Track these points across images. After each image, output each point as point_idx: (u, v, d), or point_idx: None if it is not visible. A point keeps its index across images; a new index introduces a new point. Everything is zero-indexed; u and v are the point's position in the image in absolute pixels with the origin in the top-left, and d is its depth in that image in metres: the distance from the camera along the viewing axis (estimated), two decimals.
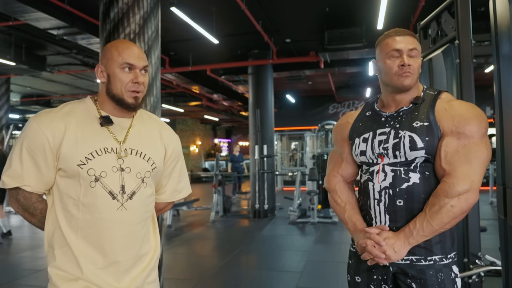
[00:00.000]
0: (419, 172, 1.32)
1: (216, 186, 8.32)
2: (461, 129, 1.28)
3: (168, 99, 13.62)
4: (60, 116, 1.23)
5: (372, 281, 1.40)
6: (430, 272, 1.30)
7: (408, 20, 6.50)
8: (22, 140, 1.21)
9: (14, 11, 5.41)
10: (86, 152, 1.20)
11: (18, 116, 15.84)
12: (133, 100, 1.26)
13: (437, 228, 1.25)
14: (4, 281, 4.13)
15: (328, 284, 3.96)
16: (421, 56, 1.38)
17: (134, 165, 1.26)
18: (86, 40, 6.60)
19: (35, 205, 1.25)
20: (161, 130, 1.40)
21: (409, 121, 1.35)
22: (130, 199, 1.24)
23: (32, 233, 6.62)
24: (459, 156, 1.27)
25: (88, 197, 1.19)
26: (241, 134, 24.34)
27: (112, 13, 3.42)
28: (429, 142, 1.30)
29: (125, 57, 1.24)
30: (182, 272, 4.59)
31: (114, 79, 1.24)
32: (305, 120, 14.38)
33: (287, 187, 14.25)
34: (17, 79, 10.59)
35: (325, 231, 6.73)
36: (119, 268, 1.22)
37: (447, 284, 1.30)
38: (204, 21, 6.37)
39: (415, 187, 1.31)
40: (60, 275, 1.19)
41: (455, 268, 1.34)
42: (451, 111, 1.31)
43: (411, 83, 1.35)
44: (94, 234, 1.20)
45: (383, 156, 1.37)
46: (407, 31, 1.38)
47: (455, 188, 1.23)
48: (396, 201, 1.32)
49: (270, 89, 8.86)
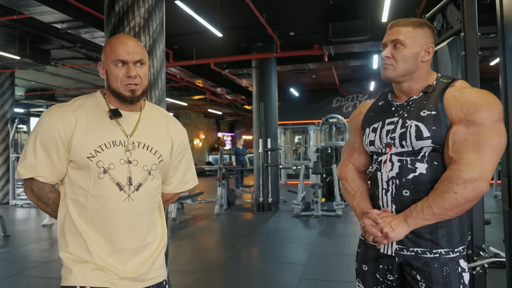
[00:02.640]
0: (426, 162, 1.30)
1: (220, 180, 8.36)
2: (471, 117, 1.23)
3: (171, 92, 13.63)
4: (71, 110, 1.28)
5: (378, 270, 1.41)
6: (435, 265, 1.29)
7: (413, 13, 6.46)
8: (36, 134, 1.26)
9: (19, 4, 5.41)
10: (95, 145, 1.25)
11: (22, 110, 15.91)
12: (130, 93, 1.29)
13: (438, 212, 1.23)
14: (11, 273, 4.19)
15: (332, 276, 3.99)
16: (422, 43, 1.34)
17: (141, 158, 1.30)
18: (90, 34, 6.60)
19: (48, 195, 1.31)
20: (169, 124, 1.43)
21: (417, 110, 1.33)
22: (137, 191, 1.29)
23: (38, 226, 6.69)
24: (467, 144, 1.22)
25: (97, 188, 1.25)
26: (244, 128, 24.35)
27: (117, 6, 3.42)
28: (435, 131, 1.27)
29: (117, 53, 1.27)
30: (187, 264, 4.63)
31: (110, 75, 1.29)
32: (309, 114, 14.36)
33: (291, 180, 14.28)
34: (21, 73, 10.62)
35: (329, 224, 6.76)
36: (125, 255, 1.28)
37: (452, 278, 1.28)
38: (208, 14, 6.35)
39: (422, 178, 1.29)
40: (71, 258, 1.26)
41: (463, 263, 1.31)
42: (461, 98, 1.27)
43: (391, 74, 1.36)
44: (102, 223, 1.26)
45: (391, 146, 1.36)
46: (401, 21, 1.37)
47: (461, 175, 1.20)
48: (402, 191, 1.32)
49: (274, 82, 8.85)
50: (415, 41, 1.33)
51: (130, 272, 1.28)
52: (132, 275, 1.28)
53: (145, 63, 1.32)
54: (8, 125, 9.58)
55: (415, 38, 1.34)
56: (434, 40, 1.38)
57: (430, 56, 1.36)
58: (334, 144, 8.86)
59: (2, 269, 4.39)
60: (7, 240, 5.71)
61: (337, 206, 7.54)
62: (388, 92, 1.49)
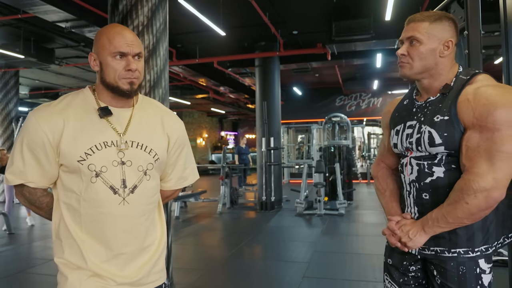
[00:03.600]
0: (443, 166, 1.28)
1: (223, 178, 8.38)
2: (483, 122, 1.17)
3: (175, 91, 13.66)
4: (58, 110, 1.20)
5: (402, 266, 1.43)
6: (452, 263, 1.28)
7: (416, 11, 6.44)
8: (22, 137, 1.19)
9: (23, 4, 5.45)
10: (85, 148, 1.17)
11: (27, 109, 15.96)
12: (129, 86, 1.21)
13: (452, 221, 1.22)
14: (16, 270, 4.23)
15: (335, 274, 3.99)
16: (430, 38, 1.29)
17: (135, 158, 1.23)
18: (94, 33, 6.63)
19: (40, 199, 1.26)
20: (163, 118, 1.34)
21: (431, 115, 1.31)
22: (132, 193, 1.22)
23: (42, 224, 6.73)
24: (480, 151, 1.18)
25: (89, 193, 1.18)
26: (247, 127, 24.37)
27: (120, 5, 3.44)
28: (447, 137, 1.25)
29: (116, 45, 1.18)
30: (190, 262, 4.65)
31: (106, 68, 1.20)
32: (312, 113, 14.35)
33: (294, 179, 14.28)
34: (26, 72, 10.68)
35: (332, 223, 6.76)
36: (123, 259, 1.23)
37: (468, 278, 1.26)
38: (211, 13, 6.36)
39: (439, 181, 1.29)
40: (66, 264, 1.21)
41: (483, 263, 1.27)
42: (473, 101, 1.20)
43: (407, 72, 1.33)
44: (97, 228, 1.20)
45: (410, 150, 1.37)
46: (418, 15, 1.33)
47: (471, 185, 1.17)
48: (422, 194, 1.33)
49: (277, 81, 8.85)
50: (431, 37, 1.28)
51: (129, 276, 1.23)
52: (131, 279, 1.23)
53: (142, 56, 1.25)
54: (13, 123, 9.63)
55: (431, 34, 1.28)
56: (455, 33, 1.31)
57: (450, 51, 1.29)
58: (337, 143, 8.86)
59: (7, 266, 4.43)
60: (11, 238, 5.76)
61: (340, 205, 7.54)
62: (414, 89, 1.47)
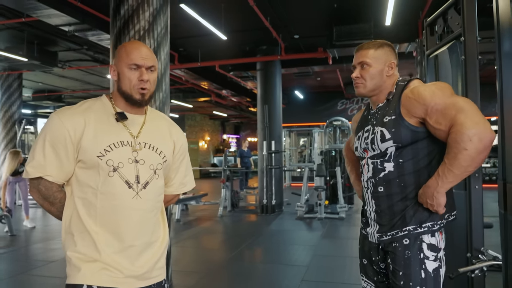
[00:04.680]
0: (392, 161, 1.52)
1: (224, 182, 8.40)
2: (432, 105, 1.42)
3: (177, 94, 13.72)
4: (80, 111, 1.33)
5: (374, 262, 1.64)
6: (400, 249, 1.49)
7: (417, 16, 6.48)
8: (45, 134, 1.30)
9: (27, 7, 5.52)
10: (105, 145, 1.30)
11: (30, 111, 16.08)
12: (140, 96, 1.35)
13: (459, 172, 1.38)
14: (18, 272, 4.26)
15: (333, 278, 4.00)
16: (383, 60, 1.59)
17: (148, 157, 1.36)
18: (97, 36, 6.69)
19: (55, 195, 1.34)
20: (170, 127, 1.51)
21: (381, 117, 1.56)
22: (144, 189, 1.34)
23: (44, 226, 6.77)
24: (449, 112, 1.39)
25: (107, 186, 1.29)
26: (249, 130, 24.40)
27: (122, 10, 3.49)
28: (395, 132, 1.49)
29: (132, 58, 1.34)
30: (190, 265, 4.67)
31: (123, 78, 1.35)
32: (314, 116, 14.37)
33: (296, 183, 14.29)
34: (29, 75, 10.76)
35: (332, 227, 6.77)
36: (133, 252, 1.32)
37: (413, 262, 1.46)
38: (213, 17, 6.41)
39: (390, 175, 1.53)
40: (80, 257, 1.28)
41: (427, 251, 1.47)
42: (414, 96, 1.47)
43: (362, 91, 1.61)
44: (111, 220, 1.30)
45: (367, 150, 1.61)
46: (366, 44, 1.62)
47: (463, 132, 1.33)
48: (378, 188, 1.56)
49: (278, 85, 8.88)
50: (378, 60, 1.57)
51: (136, 270, 1.32)
52: (137, 273, 1.32)
53: (155, 69, 1.39)
54: (16, 126, 9.69)
55: (377, 58, 1.57)
56: (395, 56, 1.63)
57: (393, 71, 1.60)
58: (338, 147, 8.87)
59: (8, 268, 4.47)
60: (13, 239, 5.80)
61: (340, 208, 7.55)
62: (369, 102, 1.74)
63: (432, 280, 1.47)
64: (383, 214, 1.56)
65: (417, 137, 1.50)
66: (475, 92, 2.57)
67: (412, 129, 1.48)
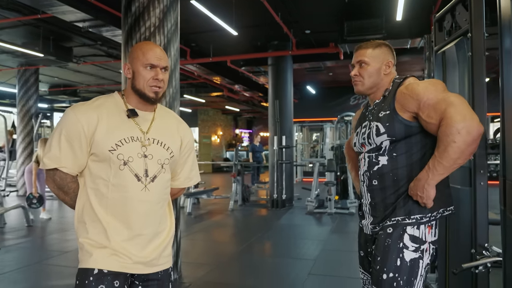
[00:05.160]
0: (387, 155, 1.59)
1: (235, 176, 8.48)
2: (425, 100, 1.48)
3: (190, 89, 13.82)
4: (94, 107, 1.42)
5: (369, 254, 1.70)
6: (382, 236, 1.57)
7: (429, 11, 6.41)
8: (61, 128, 1.39)
9: (42, 4, 5.65)
10: (116, 140, 1.38)
11: (46, 105, 16.38)
12: (154, 94, 1.44)
13: (448, 164, 1.43)
14: (34, 261, 4.41)
15: (340, 271, 4.05)
16: (383, 57, 1.66)
17: (156, 152, 1.45)
18: (110, 32, 6.81)
19: (69, 185, 1.44)
20: (178, 124, 1.60)
21: (377, 113, 1.63)
22: (152, 182, 1.43)
23: (60, 217, 6.96)
24: (440, 107, 1.44)
25: (118, 178, 1.38)
26: (262, 125, 24.43)
27: (133, 7, 3.56)
28: (389, 126, 1.56)
29: (148, 58, 1.42)
30: (200, 257, 4.77)
31: (138, 76, 1.43)
32: (326, 111, 14.31)
33: (308, 178, 14.30)
34: (45, 70, 10.97)
35: (342, 222, 6.79)
36: (141, 240, 1.42)
37: (391, 250, 1.52)
38: (224, 12, 6.45)
39: (384, 168, 1.59)
40: (91, 244, 1.38)
41: (408, 241, 1.52)
42: (408, 92, 1.54)
43: (360, 88, 1.69)
44: (121, 210, 1.39)
45: (365, 145, 1.68)
46: (363, 44, 1.70)
47: (452, 125, 1.39)
48: (372, 181, 1.63)
49: (290, 80, 8.89)
50: (375, 59, 1.65)
51: (144, 257, 1.42)
52: (145, 259, 1.42)
53: (168, 69, 1.49)
54: (33, 119, 9.91)
55: (375, 57, 1.66)
56: (393, 56, 1.71)
57: (390, 69, 1.68)
58: None
59: (25, 257, 4.63)
60: (30, 230, 5.99)
61: (350, 204, 7.56)
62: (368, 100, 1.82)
63: (407, 269, 1.51)
64: (377, 206, 1.63)
65: (410, 131, 1.55)
66: (481, 88, 2.57)
67: (405, 123, 1.53)
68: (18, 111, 10.10)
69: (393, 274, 1.51)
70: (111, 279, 1.36)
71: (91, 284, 1.34)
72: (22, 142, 9.95)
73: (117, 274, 1.38)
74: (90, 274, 1.36)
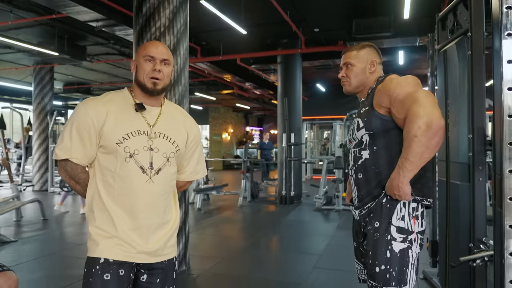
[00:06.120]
0: (368, 149, 1.67)
1: (245, 173, 8.60)
2: (395, 95, 1.57)
3: (200, 87, 13.98)
4: (103, 102, 1.50)
5: (361, 245, 1.78)
6: (371, 231, 1.64)
7: (438, 9, 6.40)
8: (72, 121, 1.48)
9: (58, 5, 5.84)
10: (123, 133, 1.46)
11: (61, 103, 16.72)
12: (152, 85, 1.50)
13: (414, 159, 1.49)
14: (50, 252, 4.60)
15: (344, 266, 4.13)
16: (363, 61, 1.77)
17: (161, 146, 1.51)
18: (123, 31, 6.97)
19: (79, 175, 1.52)
20: (185, 119, 1.66)
21: (360, 109, 1.74)
22: (157, 174, 1.49)
23: (74, 211, 7.17)
24: (406, 103, 1.52)
25: (123, 170, 1.45)
26: (272, 123, 24.49)
27: (144, 8, 3.69)
28: (367, 121, 1.65)
29: (148, 50, 1.51)
30: (208, 250, 4.90)
31: (139, 68, 1.52)
32: (336, 109, 14.31)
33: (317, 175, 14.34)
34: (60, 68, 11.21)
35: (349, 218, 6.81)
36: (146, 230, 1.48)
37: (380, 242, 1.59)
38: (233, 11, 6.56)
39: (366, 162, 1.68)
40: (99, 233, 1.46)
41: (395, 233, 1.59)
42: (383, 88, 1.64)
43: (348, 88, 1.81)
44: (127, 201, 1.46)
45: (352, 141, 1.77)
46: (348, 48, 1.82)
47: (414, 121, 1.46)
48: (357, 174, 1.72)
49: (299, 78, 8.96)
50: (360, 60, 1.77)
51: (148, 247, 1.48)
52: (150, 249, 1.48)
53: (169, 64, 1.55)
54: (48, 116, 10.13)
55: (359, 58, 1.77)
56: (377, 55, 1.80)
57: (375, 68, 1.77)
58: None
59: (41, 248, 4.82)
60: (45, 223, 6.20)
61: None
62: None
63: (397, 259, 1.57)
64: (363, 199, 1.72)
65: (387, 125, 1.62)
66: (480, 86, 2.64)
67: (381, 117, 1.61)
68: (34, 108, 10.32)
69: (384, 266, 1.57)
70: (116, 268, 1.44)
71: (97, 273, 1.42)
72: (38, 138, 10.19)
73: (122, 263, 1.44)
74: (96, 262, 1.43)
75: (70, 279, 3.65)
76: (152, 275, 1.53)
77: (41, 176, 10.17)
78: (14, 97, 14.67)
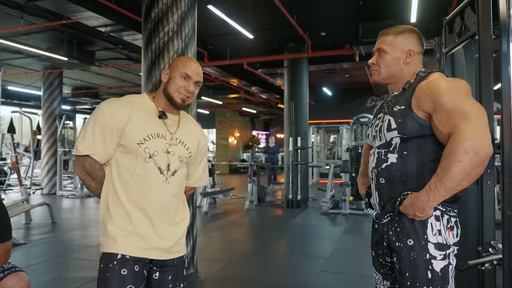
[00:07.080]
0: (396, 153, 1.46)
1: (251, 176, 8.61)
2: (441, 103, 1.35)
3: (207, 91, 14.03)
4: (126, 103, 1.57)
5: (380, 255, 1.62)
6: (405, 250, 1.43)
7: (445, 12, 6.40)
8: (96, 118, 1.52)
9: (67, 10, 5.94)
10: (144, 134, 1.53)
11: (69, 107, 16.88)
12: (181, 101, 1.61)
13: (450, 185, 1.30)
14: (58, 254, 4.64)
15: (351, 270, 4.12)
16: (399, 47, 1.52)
17: (177, 150, 1.61)
18: (131, 36, 7.05)
19: (97, 172, 1.56)
20: (197, 129, 1.79)
21: (393, 106, 1.51)
22: (173, 176, 1.58)
23: (82, 215, 7.23)
24: (455, 117, 1.31)
25: (143, 170, 1.52)
26: (279, 127, 24.49)
27: (153, 13, 3.74)
28: (401, 123, 1.43)
29: (187, 69, 1.60)
30: (215, 253, 4.91)
31: (172, 81, 1.60)
32: (343, 113, 14.29)
33: (324, 179, 14.30)
34: (69, 73, 11.34)
35: (356, 222, 6.84)
36: (159, 228, 1.55)
37: (419, 263, 1.40)
38: (240, 16, 6.60)
39: (392, 167, 1.46)
40: (116, 231, 1.51)
41: (433, 250, 1.40)
42: (427, 90, 1.40)
43: (376, 78, 1.58)
44: (142, 199, 1.53)
45: (376, 139, 1.56)
46: (385, 30, 1.56)
47: (461, 143, 1.27)
48: (379, 179, 1.51)
49: (305, 82, 8.98)
50: (395, 47, 1.52)
51: (163, 244, 1.56)
52: (164, 246, 1.56)
53: (200, 85, 1.65)
54: (56, 121, 10.23)
55: (395, 45, 1.52)
56: (418, 43, 1.54)
57: (412, 58, 1.52)
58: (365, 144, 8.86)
59: (50, 251, 4.87)
60: (54, 226, 6.25)
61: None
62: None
63: (439, 279, 1.41)
64: (384, 206, 1.52)
65: (424, 131, 1.42)
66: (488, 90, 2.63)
67: (419, 122, 1.41)
68: (43, 112, 10.43)
69: (426, 287, 1.41)
70: (132, 264, 1.50)
71: (114, 268, 1.48)
72: (47, 142, 10.29)
73: (137, 260, 1.51)
74: (114, 258, 1.49)
75: (78, 281, 3.68)
76: (164, 272, 1.60)
77: (49, 179, 10.27)
78: (24, 101, 14.84)
